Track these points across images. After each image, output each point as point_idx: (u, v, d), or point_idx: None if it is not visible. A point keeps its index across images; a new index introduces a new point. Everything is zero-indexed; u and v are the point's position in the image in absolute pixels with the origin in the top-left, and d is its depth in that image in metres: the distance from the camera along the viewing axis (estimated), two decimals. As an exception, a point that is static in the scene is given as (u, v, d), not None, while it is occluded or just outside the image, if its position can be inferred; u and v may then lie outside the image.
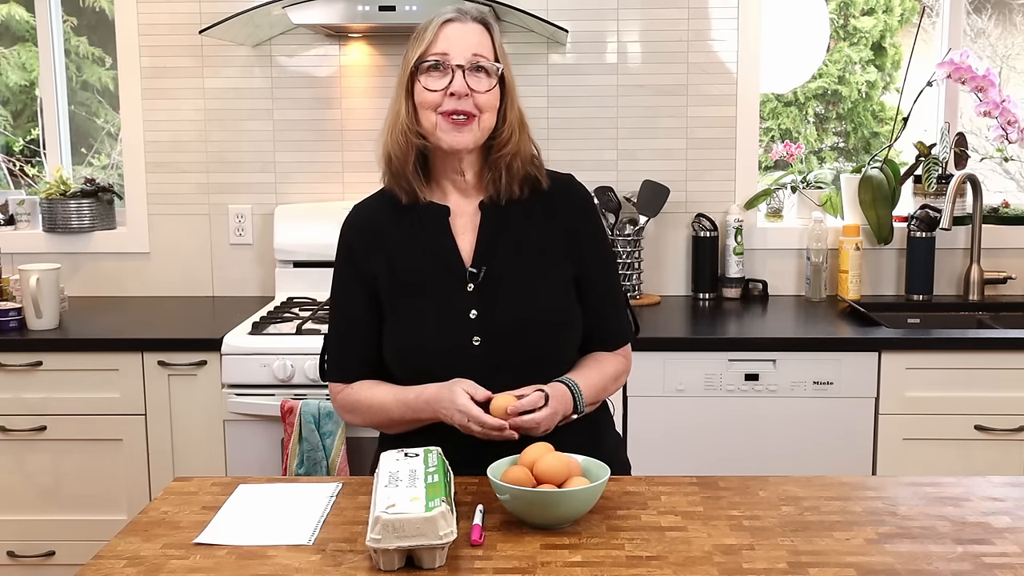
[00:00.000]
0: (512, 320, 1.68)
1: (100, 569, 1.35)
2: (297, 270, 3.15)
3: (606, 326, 1.78)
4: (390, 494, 1.38)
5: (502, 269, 1.70)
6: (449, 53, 1.65)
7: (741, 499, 1.56)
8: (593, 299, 1.76)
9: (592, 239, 1.78)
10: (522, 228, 1.73)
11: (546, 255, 1.72)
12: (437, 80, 1.65)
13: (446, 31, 1.66)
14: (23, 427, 2.70)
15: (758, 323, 2.90)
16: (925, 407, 2.62)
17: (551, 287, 1.72)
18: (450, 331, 1.67)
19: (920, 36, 3.22)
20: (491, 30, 1.70)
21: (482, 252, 1.71)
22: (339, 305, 1.77)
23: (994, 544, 1.40)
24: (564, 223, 1.75)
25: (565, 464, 1.48)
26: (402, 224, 1.73)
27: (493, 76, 1.67)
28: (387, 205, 1.75)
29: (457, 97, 1.64)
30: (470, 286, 1.69)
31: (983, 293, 3.12)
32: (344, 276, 1.76)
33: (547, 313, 1.70)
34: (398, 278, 1.71)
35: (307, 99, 3.22)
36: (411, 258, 1.71)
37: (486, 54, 1.67)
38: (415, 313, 1.69)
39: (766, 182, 3.32)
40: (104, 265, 3.29)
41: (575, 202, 1.78)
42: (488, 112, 1.67)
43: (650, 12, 3.15)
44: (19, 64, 3.63)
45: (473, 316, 1.68)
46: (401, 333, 1.70)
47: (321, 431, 2.50)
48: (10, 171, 3.66)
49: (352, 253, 1.75)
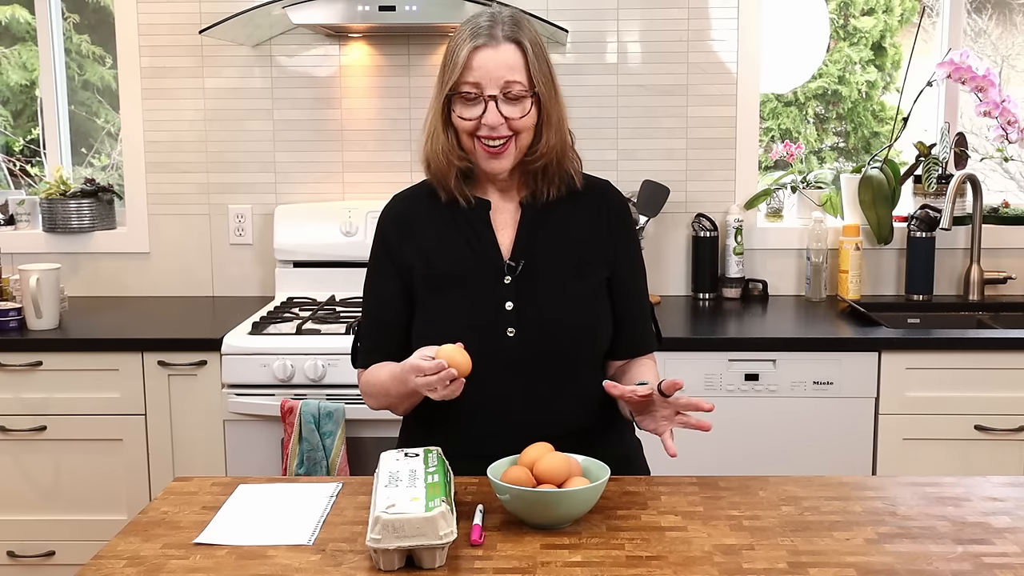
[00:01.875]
0: (547, 314, 1.69)
1: (100, 569, 1.35)
2: (297, 270, 3.15)
3: (633, 333, 1.80)
4: (390, 494, 1.38)
5: (540, 265, 1.71)
6: (481, 83, 1.63)
7: (741, 499, 1.56)
8: (622, 305, 1.78)
9: (627, 246, 1.80)
10: (561, 228, 1.74)
11: (583, 256, 1.74)
12: (470, 109, 1.65)
13: (477, 58, 1.63)
14: (23, 427, 2.70)
15: (758, 323, 2.90)
16: (925, 407, 2.62)
17: (585, 287, 1.73)
18: (485, 321, 1.68)
19: (920, 36, 3.22)
20: (524, 49, 1.66)
21: (521, 247, 1.72)
22: (371, 295, 1.79)
23: (994, 544, 1.40)
24: (602, 227, 1.77)
25: (565, 464, 1.49)
26: (442, 215, 1.74)
27: (527, 100, 1.66)
28: (426, 196, 1.76)
29: (491, 127, 1.64)
30: (507, 279, 1.70)
31: (983, 293, 3.12)
32: (378, 266, 1.78)
33: (580, 313, 1.71)
34: (435, 269, 1.72)
35: (307, 99, 3.22)
36: (449, 250, 1.73)
37: (519, 78, 1.64)
38: (450, 303, 1.71)
39: (766, 182, 3.32)
40: (104, 265, 3.29)
41: (614, 208, 1.80)
42: (525, 132, 1.67)
43: (650, 12, 3.15)
44: (19, 64, 3.63)
45: (509, 308, 1.69)
46: (435, 322, 1.71)
47: (321, 431, 2.50)
48: (10, 171, 3.66)
49: (387, 243, 1.76)
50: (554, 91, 1.70)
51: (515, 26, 1.66)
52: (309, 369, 2.57)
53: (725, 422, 2.63)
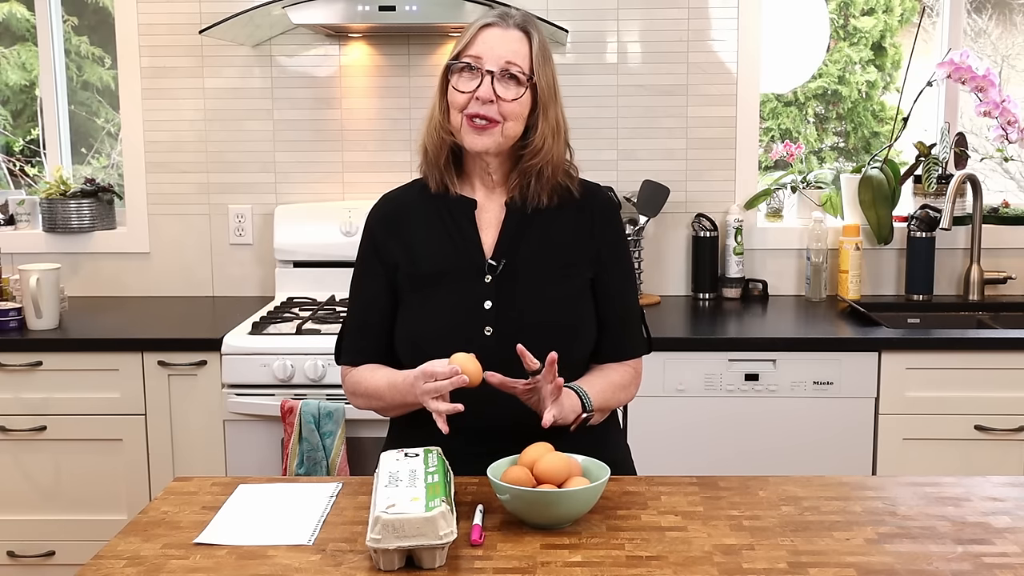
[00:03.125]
0: (526, 314, 1.70)
1: (100, 569, 1.35)
2: (297, 270, 3.15)
3: (619, 338, 1.79)
4: (390, 494, 1.38)
5: (521, 265, 1.72)
6: (483, 57, 1.67)
7: (741, 499, 1.56)
8: (608, 310, 1.78)
9: (614, 250, 1.80)
10: (546, 230, 1.75)
11: (566, 258, 1.75)
12: (467, 82, 1.68)
13: (485, 35, 1.68)
14: (23, 427, 2.70)
15: (758, 323, 2.90)
16: (925, 407, 2.62)
17: (567, 289, 1.74)
18: (463, 319, 1.69)
19: (920, 36, 3.22)
20: (531, 39, 1.70)
21: (504, 247, 1.73)
22: (357, 291, 1.81)
23: (994, 544, 1.40)
24: (588, 230, 1.77)
25: (565, 464, 1.49)
26: (428, 213, 1.77)
27: (523, 85, 1.68)
28: (415, 194, 1.80)
29: (481, 102, 1.66)
30: (488, 278, 1.71)
31: (983, 293, 3.12)
32: (365, 262, 1.80)
33: (560, 314, 1.72)
34: (418, 266, 1.74)
35: (307, 99, 3.22)
36: (433, 248, 1.74)
37: (520, 63, 1.68)
38: (431, 301, 1.72)
39: (766, 182, 3.32)
40: (104, 265, 3.29)
41: (602, 212, 1.80)
42: (513, 120, 1.69)
43: (650, 12, 3.15)
44: (19, 64, 3.63)
45: (488, 307, 1.70)
46: (415, 319, 1.73)
47: (321, 431, 2.50)
48: (10, 171, 3.66)
49: (375, 241, 1.79)
50: (554, 93, 1.73)
51: (526, 19, 1.73)
52: (309, 369, 2.57)
53: (725, 422, 2.64)
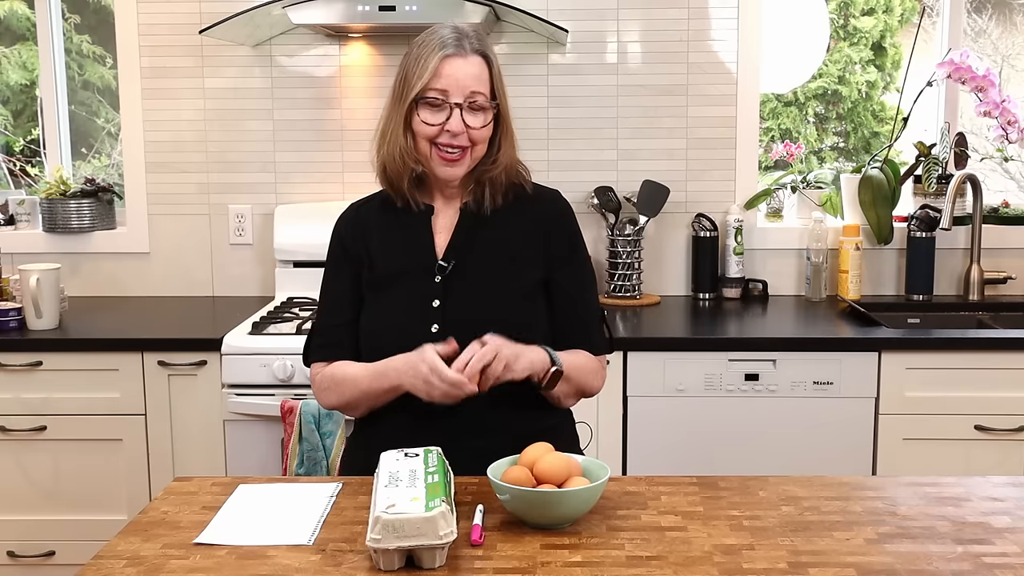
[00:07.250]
0: (471, 313, 1.73)
1: (100, 569, 1.35)
2: (297, 270, 3.15)
3: (575, 337, 1.81)
4: (390, 494, 1.38)
5: (471, 266, 1.77)
6: (448, 90, 1.70)
7: (741, 499, 1.56)
8: (563, 309, 1.81)
9: (566, 249, 1.83)
10: (498, 232, 1.79)
11: (517, 259, 1.79)
12: (435, 115, 1.71)
13: (447, 67, 1.69)
14: (23, 427, 2.70)
15: (758, 323, 2.90)
16: (925, 407, 2.62)
17: (516, 289, 1.77)
18: (412, 318, 1.74)
19: (920, 36, 3.22)
20: (490, 63, 1.74)
21: (455, 248, 1.78)
22: (327, 292, 1.86)
23: (994, 544, 1.40)
24: (540, 231, 1.81)
25: (565, 464, 1.49)
26: (388, 220, 1.82)
27: (489, 111, 1.73)
28: (379, 204, 1.85)
29: (452, 134, 1.70)
30: (437, 278, 1.76)
31: (983, 293, 3.12)
32: (334, 267, 1.85)
33: (507, 312, 1.75)
34: (378, 270, 1.79)
35: (307, 99, 3.22)
36: (391, 252, 1.80)
37: (483, 90, 1.72)
38: (386, 300, 1.78)
39: (766, 182, 3.32)
40: (104, 265, 3.29)
41: (554, 213, 1.84)
42: (481, 143, 1.75)
43: (650, 12, 3.15)
44: (20, 63, 3.63)
45: (435, 305, 1.74)
46: (372, 318, 1.78)
47: (321, 431, 2.50)
48: (10, 171, 3.66)
49: (343, 244, 1.84)
50: (507, 105, 1.78)
51: (480, 41, 1.75)
52: (309, 369, 2.57)
53: (725, 422, 2.64)
